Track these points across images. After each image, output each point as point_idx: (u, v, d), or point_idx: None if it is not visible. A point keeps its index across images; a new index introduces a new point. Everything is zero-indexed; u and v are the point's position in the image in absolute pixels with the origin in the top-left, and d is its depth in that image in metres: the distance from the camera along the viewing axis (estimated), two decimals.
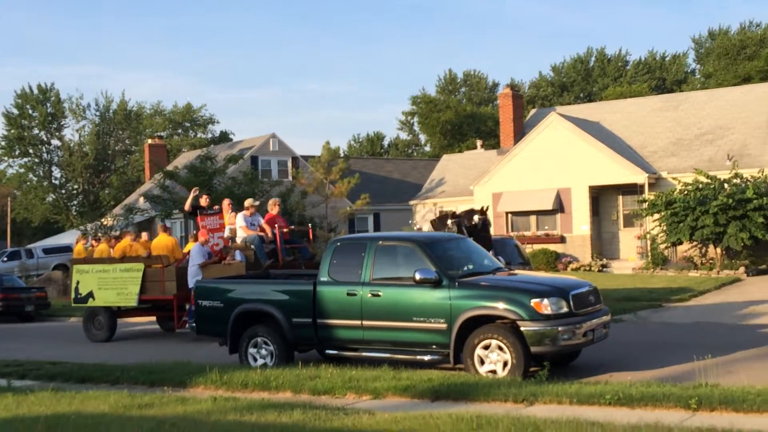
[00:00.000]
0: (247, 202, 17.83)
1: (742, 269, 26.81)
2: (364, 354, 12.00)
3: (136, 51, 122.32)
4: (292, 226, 19.24)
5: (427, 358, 11.38)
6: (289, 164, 47.16)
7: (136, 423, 8.60)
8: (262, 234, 16.98)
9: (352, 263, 12.02)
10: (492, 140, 55.17)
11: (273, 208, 17.84)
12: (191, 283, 16.10)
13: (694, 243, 28.21)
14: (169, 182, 38.34)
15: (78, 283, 18.93)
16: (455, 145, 60.78)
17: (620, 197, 32.62)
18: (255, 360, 12.57)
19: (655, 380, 10.17)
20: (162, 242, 19.21)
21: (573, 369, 11.80)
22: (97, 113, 65.65)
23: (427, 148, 75.42)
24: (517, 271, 13.37)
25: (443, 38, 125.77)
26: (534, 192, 32.81)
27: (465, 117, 64.94)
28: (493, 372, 10.73)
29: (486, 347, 10.81)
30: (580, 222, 32.18)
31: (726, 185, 27.60)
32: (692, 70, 75.70)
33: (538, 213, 33.20)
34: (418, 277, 11.17)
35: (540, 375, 10.21)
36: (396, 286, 11.63)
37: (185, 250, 18.78)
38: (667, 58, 75.75)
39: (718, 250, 27.78)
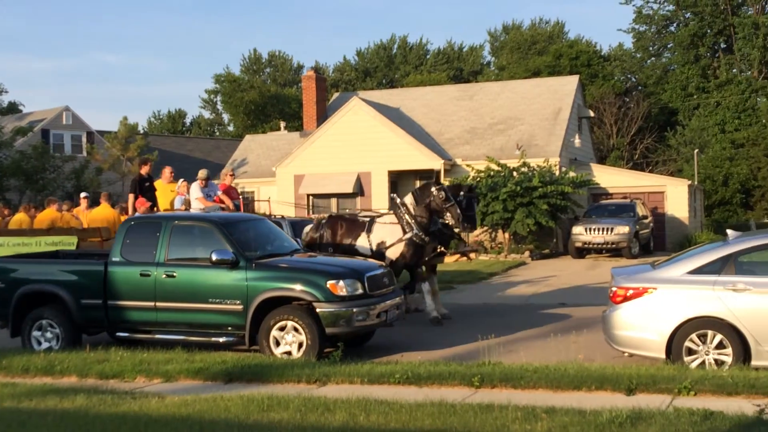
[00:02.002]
0: (201, 173, 16.50)
1: (527, 253, 28.40)
2: (157, 336, 11.74)
3: None
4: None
5: (222, 340, 11.30)
6: (84, 139, 45.19)
7: None
8: (223, 206, 15.99)
9: (146, 243, 11.74)
10: (295, 122, 55.20)
11: (228, 178, 17.02)
12: None
13: (485, 228, 29.54)
14: None
15: None
16: (259, 126, 60.31)
17: (418, 182, 33.43)
18: (39, 343, 11.99)
19: (442, 359, 10.62)
20: (102, 213, 17.02)
21: (367, 349, 12.07)
22: None
23: (231, 128, 74.34)
24: (314, 253, 13.49)
25: (248, 17, 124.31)
26: (335, 175, 33.17)
27: (269, 98, 64.55)
28: (289, 353, 10.82)
29: (282, 328, 10.88)
30: (379, 206, 32.60)
31: (515, 173, 29.09)
32: (488, 62, 79.03)
33: (339, 196, 33.56)
34: (214, 257, 11.07)
35: (334, 356, 10.38)
36: (192, 266, 11.47)
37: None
38: (464, 49, 78.72)
39: (507, 234, 29.28)
